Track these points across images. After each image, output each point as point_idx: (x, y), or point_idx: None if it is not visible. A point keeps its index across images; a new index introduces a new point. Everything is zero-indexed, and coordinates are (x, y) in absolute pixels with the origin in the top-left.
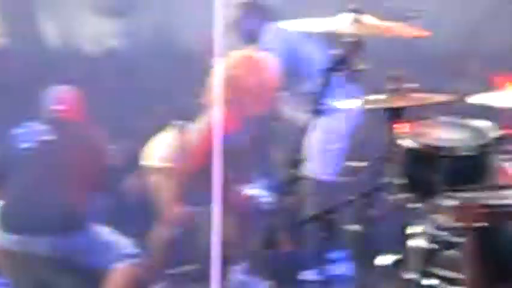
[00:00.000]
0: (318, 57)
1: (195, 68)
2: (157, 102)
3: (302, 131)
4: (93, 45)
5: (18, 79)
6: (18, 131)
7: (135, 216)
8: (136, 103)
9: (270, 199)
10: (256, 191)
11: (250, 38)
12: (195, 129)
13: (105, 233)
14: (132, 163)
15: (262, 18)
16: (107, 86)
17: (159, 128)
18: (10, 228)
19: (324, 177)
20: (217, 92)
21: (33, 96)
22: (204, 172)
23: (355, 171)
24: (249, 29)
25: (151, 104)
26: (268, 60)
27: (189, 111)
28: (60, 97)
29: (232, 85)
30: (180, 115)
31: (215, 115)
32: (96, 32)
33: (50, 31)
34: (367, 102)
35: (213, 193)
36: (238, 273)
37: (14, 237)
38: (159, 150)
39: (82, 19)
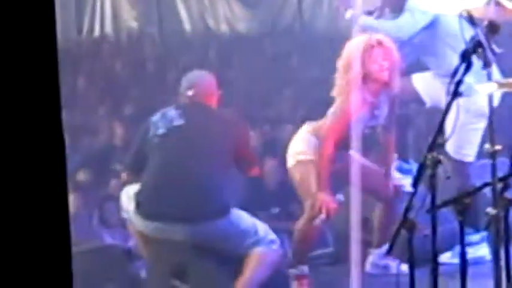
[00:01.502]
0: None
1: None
2: (291, 86)
3: (443, 112)
4: (225, 27)
5: (153, 63)
6: (153, 117)
7: (274, 201)
8: (271, 88)
9: (408, 182)
10: (396, 174)
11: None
12: (328, 118)
13: (244, 218)
14: (271, 148)
15: None
16: (241, 69)
17: (294, 116)
18: (147, 215)
19: (464, 158)
20: (353, 75)
21: (169, 81)
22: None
23: (492, 153)
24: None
25: (286, 88)
26: (392, 44)
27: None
28: (192, 82)
29: (361, 68)
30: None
31: (352, 98)
32: (228, 15)
33: (182, 14)
34: (507, 85)
35: (352, 178)
36: (377, 256)
37: (151, 224)
38: (296, 147)
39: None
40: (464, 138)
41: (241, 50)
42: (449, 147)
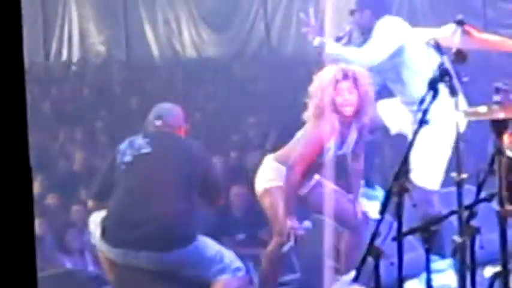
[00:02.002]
0: (423, 65)
1: (297, 77)
2: (259, 112)
3: (410, 140)
4: (192, 53)
5: (120, 88)
6: (121, 145)
7: (239, 227)
8: (239, 113)
9: (374, 208)
10: (363, 201)
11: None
12: (297, 144)
13: (210, 245)
14: (237, 174)
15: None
16: (209, 94)
17: (262, 139)
18: (112, 242)
19: (429, 186)
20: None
21: (135, 106)
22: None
23: (459, 182)
24: (362, 23)
25: (253, 114)
26: (365, 74)
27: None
28: (160, 114)
29: (332, 97)
30: (282, 126)
31: (324, 126)
32: (195, 41)
33: (150, 38)
34: (473, 114)
35: (325, 205)
36: (344, 283)
37: (116, 251)
38: (265, 174)
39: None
40: (429, 166)
41: (209, 74)
42: (414, 174)
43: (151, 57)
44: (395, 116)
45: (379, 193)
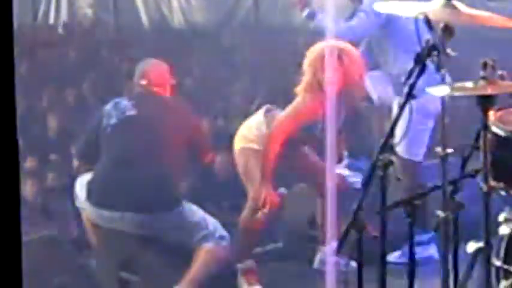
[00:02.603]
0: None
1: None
2: (251, 82)
3: (396, 114)
4: (180, 18)
5: (107, 53)
6: (106, 107)
7: (224, 195)
8: (228, 81)
9: (359, 180)
10: (346, 171)
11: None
12: (283, 114)
13: (194, 211)
14: (223, 141)
15: None
16: (196, 61)
17: (251, 108)
18: (97, 204)
19: (413, 157)
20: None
21: (122, 70)
22: (287, 155)
23: (443, 156)
24: None
25: (244, 83)
26: (352, 50)
27: (285, 94)
28: (145, 71)
29: (320, 69)
30: (274, 97)
31: (312, 102)
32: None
33: (138, 2)
34: (458, 89)
35: (327, 173)
36: (327, 253)
37: (101, 212)
38: (247, 132)
39: None
40: (414, 138)
41: (196, 40)
42: (399, 146)
43: (139, 21)
44: (379, 87)
45: (364, 164)
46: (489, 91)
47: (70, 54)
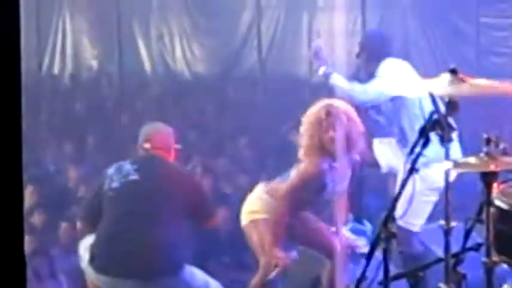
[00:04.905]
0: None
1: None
2: (247, 135)
3: (399, 187)
4: (184, 69)
5: (111, 103)
6: (109, 170)
7: (225, 250)
8: (230, 133)
9: (362, 243)
10: (350, 234)
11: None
12: (286, 181)
13: (196, 275)
14: (223, 197)
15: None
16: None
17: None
18: (99, 269)
19: (411, 227)
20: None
21: (126, 122)
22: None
23: (447, 230)
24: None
25: (243, 137)
26: (350, 109)
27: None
28: (149, 134)
29: (318, 132)
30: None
31: (316, 164)
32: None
33: (143, 53)
34: (464, 165)
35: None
36: None
37: (103, 278)
38: (251, 206)
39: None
40: (415, 209)
41: (201, 91)
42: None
43: (144, 72)
44: (389, 154)
45: (368, 228)
46: (492, 168)
47: (75, 106)
